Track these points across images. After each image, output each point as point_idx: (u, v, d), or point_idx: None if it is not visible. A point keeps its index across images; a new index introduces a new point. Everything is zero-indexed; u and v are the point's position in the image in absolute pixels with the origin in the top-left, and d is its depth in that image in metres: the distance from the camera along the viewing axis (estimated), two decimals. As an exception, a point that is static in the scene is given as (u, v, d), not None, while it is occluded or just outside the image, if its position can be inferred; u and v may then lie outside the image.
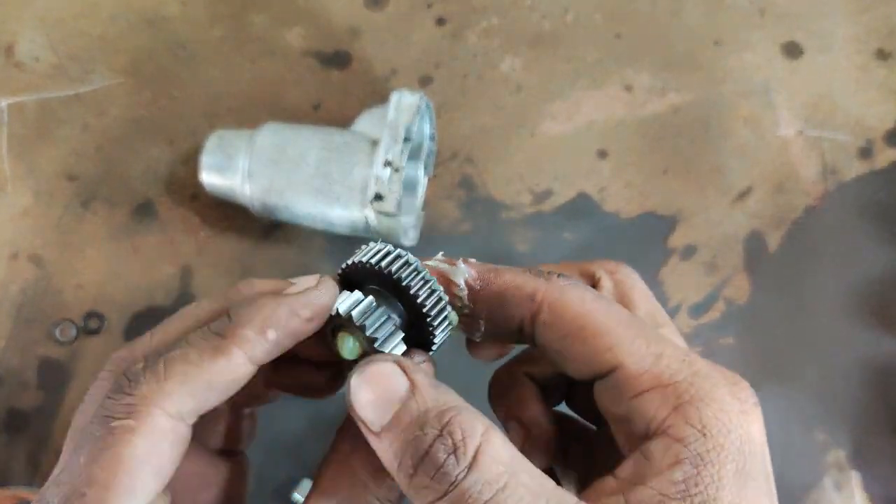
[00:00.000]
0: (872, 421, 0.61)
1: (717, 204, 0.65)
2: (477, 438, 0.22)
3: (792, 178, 0.65)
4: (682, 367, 0.24)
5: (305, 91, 0.65)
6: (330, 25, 0.67)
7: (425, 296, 0.26)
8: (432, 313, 0.26)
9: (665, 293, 0.63)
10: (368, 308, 0.26)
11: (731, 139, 0.66)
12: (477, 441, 0.22)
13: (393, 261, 0.26)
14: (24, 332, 0.59)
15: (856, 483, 0.60)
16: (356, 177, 0.54)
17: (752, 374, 0.61)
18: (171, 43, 0.66)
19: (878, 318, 0.63)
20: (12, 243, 0.61)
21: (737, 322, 0.62)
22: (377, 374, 0.24)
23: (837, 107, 0.67)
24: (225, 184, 0.57)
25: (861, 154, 0.66)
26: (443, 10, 0.68)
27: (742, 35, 0.69)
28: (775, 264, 0.64)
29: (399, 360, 0.24)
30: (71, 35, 0.66)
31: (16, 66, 0.65)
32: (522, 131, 0.65)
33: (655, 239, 0.64)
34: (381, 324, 0.26)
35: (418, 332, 0.27)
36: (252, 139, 0.56)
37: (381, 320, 0.26)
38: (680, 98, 0.67)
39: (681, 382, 0.23)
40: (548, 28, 0.68)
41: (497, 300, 0.26)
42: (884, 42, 0.69)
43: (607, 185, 0.65)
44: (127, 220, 0.62)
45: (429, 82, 0.66)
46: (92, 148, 0.63)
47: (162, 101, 0.64)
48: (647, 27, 0.68)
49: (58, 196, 0.62)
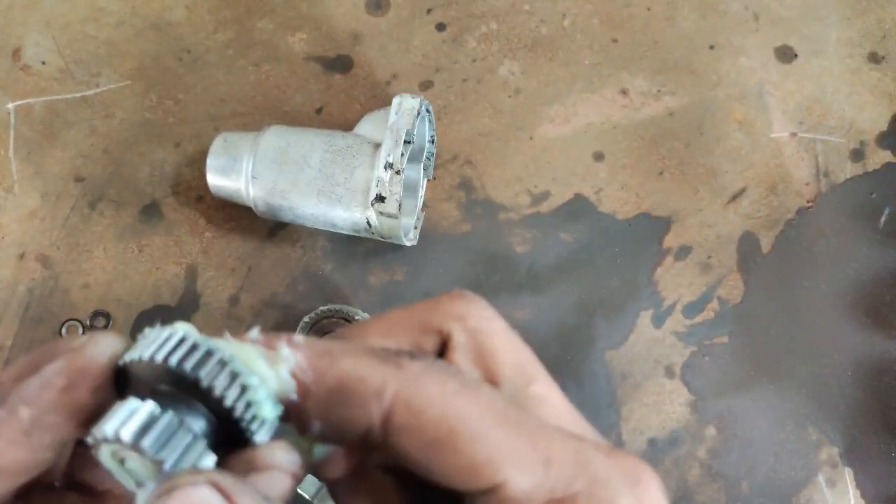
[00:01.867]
0: (865, 419, 0.62)
1: (711, 205, 0.65)
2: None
3: (785, 180, 0.66)
4: (577, 472, 0.20)
5: (308, 95, 0.66)
6: (332, 31, 0.68)
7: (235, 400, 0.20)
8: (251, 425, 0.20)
9: (660, 293, 0.64)
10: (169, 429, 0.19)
11: (726, 141, 0.67)
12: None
13: (187, 354, 0.20)
14: (31, 332, 0.60)
15: (849, 480, 0.61)
16: (358, 179, 0.55)
17: (745, 372, 0.62)
18: (176, 47, 0.67)
19: (870, 317, 0.64)
20: (20, 244, 0.62)
21: (731, 322, 0.63)
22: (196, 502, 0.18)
23: (830, 109, 0.68)
24: (230, 185, 0.58)
25: (854, 156, 0.67)
26: (443, 16, 0.69)
27: (736, 39, 0.69)
28: (769, 265, 0.65)
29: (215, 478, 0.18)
30: (77, 39, 0.67)
31: (23, 70, 0.66)
32: (521, 134, 0.66)
33: (651, 239, 0.65)
34: (188, 447, 0.19)
35: (233, 435, 0.20)
36: (256, 142, 0.57)
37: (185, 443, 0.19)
38: (675, 101, 0.68)
39: (580, 494, 0.19)
40: (545, 33, 0.69)
41: (334, 397, 0.20)
42: (876, 46, 0.70)
43: (603, 187, 0.66)
44: (133, 220, 0.63)
45: (429, 86, 0.67)
46: (99, 150, 0.64)
47: (167, 104, 0.65)
48: (643, 32, 0.69)
49: (65, 197, 0.63)
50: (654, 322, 0.63)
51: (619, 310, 0.63)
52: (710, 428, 0.61)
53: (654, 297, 0.63)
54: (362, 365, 0.20)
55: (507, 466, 0.19)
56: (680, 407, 0.61)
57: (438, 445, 0.19)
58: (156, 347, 0.20)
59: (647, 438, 0.61)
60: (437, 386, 0.20)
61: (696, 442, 0.61)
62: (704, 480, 0.60)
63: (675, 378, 0.62)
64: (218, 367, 0.20)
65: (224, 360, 0.20)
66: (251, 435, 0.20)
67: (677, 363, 0.62)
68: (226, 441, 0.20)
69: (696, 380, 0.62)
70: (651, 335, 0.62)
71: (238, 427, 0.20)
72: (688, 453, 0.61)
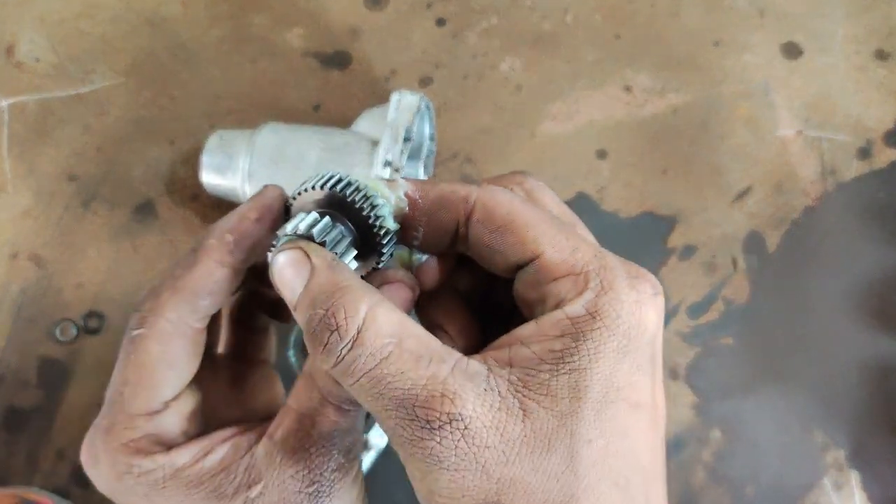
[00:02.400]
0: (872, 421, 0.61)
1: (716, 204, 0.65)
2: (359, 316, 0.25)
3: (791, 179, 0.66)
4: (594, 260, 0.27)
5: (306, 91, 0.65)
6: (330, 26, 0.67)
7: (374, 218, 0.28)
8: (380, 233, 0.28)
9: (664, 293, 0.63)
10: (326, 227, 0.27)
11: (731, 139, 0.66)
12: (359, 319, 0.24)
13: (338, 183, 0.28)
14: (24, 332, 0.59)
15: (855, 483, 0.60)
16: (356, 177, 0.54)
17: (750, 374, 0.62)
18: (171, 43, 0.66)
19: (877, 318, 0.63)
20: (13, 243, 0.61)
21: (736, 322, 0.62)
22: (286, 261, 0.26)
23: (837, 107, 0.68)
24: (225, 184, 0.57)
25: (860, 154, 0.67)
26: (443, 11, 0.68)
27: (741, 36, 0.69)
28: (774, 264, 0.64)
29: (302, 245, 0.27)
30: (71, 35, 0.66)
31: (16, 67, 0.65)
32: (522, 131, 0.66)
33: (655, 239, 0.64)
34: (339, 241, 0.28)
35: (368, 247, 0.29)
36: (252, 139, 0.56)
37: (339, 238, 0.28)
38: (679, 98, 0.67)
39: (590, 272, 0.26)
40: (547, 28, 0.68)
41: (435, 205, 0.29)
42: (883, 42, 0.69)
43: (606, 185, 0.65)
44: (127, 220, 0.62)
45: (429, 83, 0.66)
46: (92, 148, 0.63)
47: (162, 101, 0.65)
48: (647, 28, 0.68)
49: (58, 196, 0.62)
50: (658, 323, 0.62)
51: (623, 310, 0.62)
52: (714, 430, 0.60)
53: (657, 298, 0.62)
54: (454, 184, 0.29)
55: (546, 244, 0.27)
56: (684, 409, 0.61)
57: (503, 230, 0.27)
58: (319, 181, 0.28)
59: (651, 441, 0.60)
60: (505, 195, 0.28)
61: (701, 445, 0.60)
62: (709, 484, 0.59)
63: (680, 380, 0.61)
64: (356, 190, 0.28)
65: (360, 187, 0.28)
66: (382, 245, 0.29)
67: (681, 364, 0.61)
68: (366, 248, 0.29)
69: (700, 381, 0.61)
70: (655, 336, 0.62)
71: (373, 236, 0.28)
72: (692, 456, 0.60)
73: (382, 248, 0.29)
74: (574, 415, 0.24)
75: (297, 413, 0.28)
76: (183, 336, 0.28)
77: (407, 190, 0.29)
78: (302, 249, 0.26)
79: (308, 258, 0.26)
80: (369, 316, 0.25)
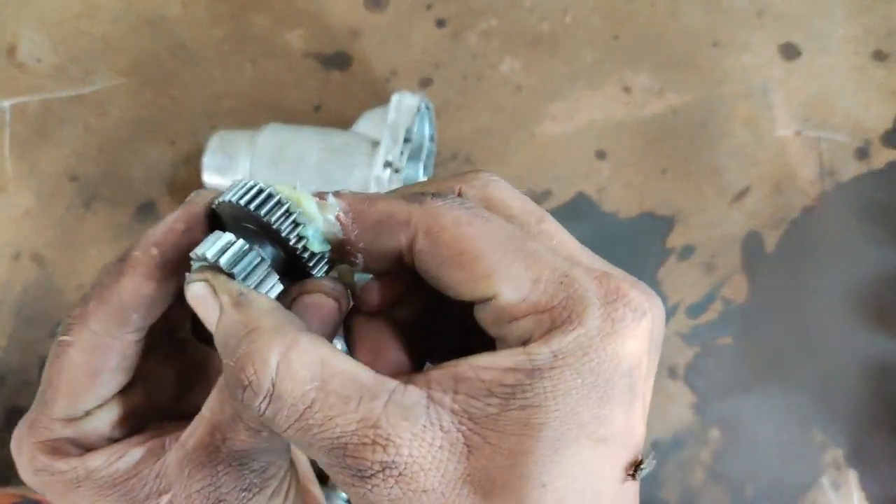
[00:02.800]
0: (870, 420, 0.61)
1: (715, 204, 0.65)
2: (271, 366, 0.22)
3: (790, 179, 0.66)
4: (559, 290, 0.23)
5: (306, 92, 0.65)
6: (330, 27, 0.67)
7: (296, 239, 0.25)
8: (305, 255, 0.25)
9: (663, 293, 0.63)
10: (238, 253, 0.25)
11: (730, 140, 0.66)
12: (271, 370, 0.22)
13: (262, 202, 0.25)
14: (25, 332, 0.60)
15: (853, 482, 0.60)
16: (356, 178, 0.54)
17: (749, 373, 0.62)
18: (172, 44, 0.66)
19: (875, 318, 0.63)
20: (14, 243, 0.61)
21: (735, 322, 0.63)
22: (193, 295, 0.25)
23: (835, 107, 0.68)
24: (226, 184, 0.57)
25: (858, 154, 0.67)
26: (442, 12, 0.68)
27: (740, 36, 0.69)
28: (773, 264, 0.64)
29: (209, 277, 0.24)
30: (72, 36, 0.66)
31: (18, 67, 0.65)
32: (522, 132, 0.66)
33: (654, 239, 0.64)
34: (254, 267, 0.25)
35: (296, 269, 0.26)
36: (253, 140, 0.56)
37: (254, 263, 0.25)
38: (678, 99, 0.67)
39: (555, 309, 0.23)
40: (547, 29, 0.68)
41: (372, 231, 0.25)
42: (882, 43, 0.69)
43: (606, 186, 0.65)
44: (128, 220, 0.62)
45: (429, 83, 0.66)
46: (93, 148, 0.63)
47: (163, 101, 0.65)
48: (646, 28, 0.69)
49: (59, 196, 0.62)
50: (657, 323, 0.62)
51: (622, 310, 0.62)
52: (713, 430, 0.60)
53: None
54: (393, 205, 0.25)
55: (501, 281, 0.23)
56: (683, 409, 0.61)
57: (449, 263, 0.24)
58: (240, 193, 0.25)
59: (651, 441, 0.60)
60: (451, 217, 0.24)
61: (700, 444, 0.60)
62: (708, 483, 0.60)
63: (679, 379, 0.61)
64: (277, 205, 0.25)
65: (283, 202, 0.25)
66: (310, 268, 0.26)
67: (681, 364, 0.62)
68: (295, 273, 0.26)
69: (699, 381, 0.61)
70: (654, 336, 0.62)
71: (300, 260, 0.25)
72: (691, 456, 0.60)
73: (310, 271, 0.26)
74: (526, 454, 0.22)
75: (210, 424, 0.26)
76: (108, 349, 0.27)
77: (339, 212, 0.25)
78: (209, 283, 0.24)
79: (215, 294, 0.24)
80: (283, 364, 0.22)
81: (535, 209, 0.27)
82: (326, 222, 0.25)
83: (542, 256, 0.24)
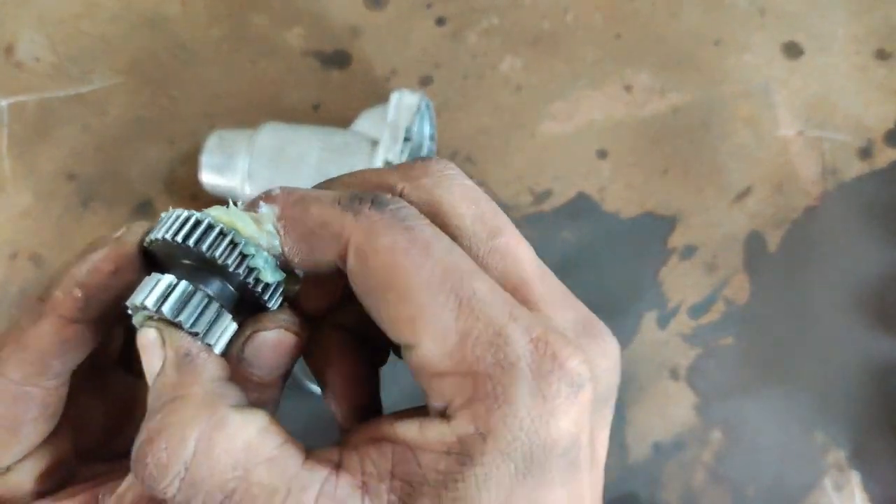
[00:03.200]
0: (873, 421, 0.61)
1: (716, 204, 0.65)
2: (188, 447, 0.20)
3: (792, 179, 0.65)
4: (488, 353, 0.20)
5: (305, 91, 0.65)
6: (330, 25, 0.67)
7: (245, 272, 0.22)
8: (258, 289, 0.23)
9: (664, 294, 0.63)
10: (181, 298, 0.22)
11: (731, 139, 0.66)
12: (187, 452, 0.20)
13: (202, 235, 0.22)
14: (23, 332, 0.59)
15: (856, 484, 0.60)
16: (356, 177, 0.54)
17: (751, 374, 0.61)
18: (171, 43, 0.66)
19: (878, 318, 0.63)
20: (12, 243, 0.61)
21: (736, 322, 0.62)
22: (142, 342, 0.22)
23: (837, 107, 0.67)
24: (225, 184, 0.57)
25: (861, 154, 0.66)
26: (443, 11, 0.68)
27: (742, 35, 0.69)
28: (775, 264, 0.64)
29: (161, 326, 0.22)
30: (71, 35, 0.66)
31: (16, 66, 0.65)
32: (522, 131, 0.66)
33: (655, 239, 0.64)
34: (201, 311, 0.22)
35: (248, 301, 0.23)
36: (252, 139, 0.56)
37: (201, 307, 0.22)
38: (679, 98, 0.67)
39: (479, 374, 0.20)
40: (548, 28, 0.68)
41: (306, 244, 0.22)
42: (884, 42, 0.69)
43: (607, 185, 0.65)
44: (127, 219, 0.62)
45: (429, 82, 0.66)
46: (92, 148, 0.63)
47: (162, 101, 0.65)
48: (647, 27, 0.68)
49: (57, 196, 0.62)
50: (659, 323, 0.62)
51: (623, 311, 0.62)
52: (715, 431, 0.60)
53: (658, 298, 0.62)
54: (327, 211, 0.22)
55: (424, 331, 0.20)
56: (685, 410, 0.60)
57: (377, 294, 0.21)
58: (173, 228, 0.22)
59: (652, 442, 0.60)
60: (385, 240, 0.21)
61: (702, 445, 0.60)
62: (710, 485, 0.59)
63: (680, 380, 0.61)
64: (220, 239, 0.22)
65: (224, 233, 0.22)
66: (264, 301, 0.23)
67: (682, 365, 0.61)
68: (249, 307, 0.23)
69: (701, 382, 0.61)
70: (655, 337, 0.62)
71: (252, 293, 0.23)
72: (693, 457, 0.60)
73: (266, 304, 0.23)
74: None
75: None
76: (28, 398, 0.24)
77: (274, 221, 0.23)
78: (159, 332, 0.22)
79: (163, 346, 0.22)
80: (202, 444, 0.20)
81: (491, 218, 0.24)
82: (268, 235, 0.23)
83: (477, 303, 0.21)
